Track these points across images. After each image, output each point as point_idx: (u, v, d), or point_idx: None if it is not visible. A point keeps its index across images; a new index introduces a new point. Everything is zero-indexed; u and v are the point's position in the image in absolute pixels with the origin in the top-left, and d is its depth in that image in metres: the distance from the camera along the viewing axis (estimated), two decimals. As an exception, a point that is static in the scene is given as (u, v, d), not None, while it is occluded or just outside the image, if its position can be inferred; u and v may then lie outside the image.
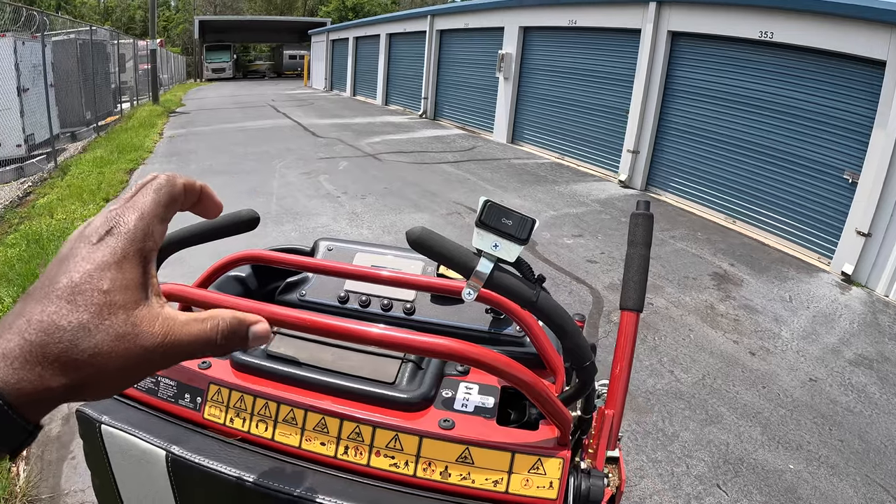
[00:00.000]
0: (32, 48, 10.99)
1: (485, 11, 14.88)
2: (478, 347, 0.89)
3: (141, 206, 0.49)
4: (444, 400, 1.09)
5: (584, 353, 0.97)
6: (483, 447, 0.98)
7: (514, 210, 0.90)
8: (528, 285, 0.91)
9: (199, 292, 1.01)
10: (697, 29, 8.46)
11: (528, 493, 0.95)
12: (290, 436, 1.04)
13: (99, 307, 0.44)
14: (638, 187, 9.47)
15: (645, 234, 1.30)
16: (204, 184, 0.56)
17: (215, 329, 0.49)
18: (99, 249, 0.46)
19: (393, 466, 0.99)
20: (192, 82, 44.47)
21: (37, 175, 10.42)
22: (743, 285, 5.69)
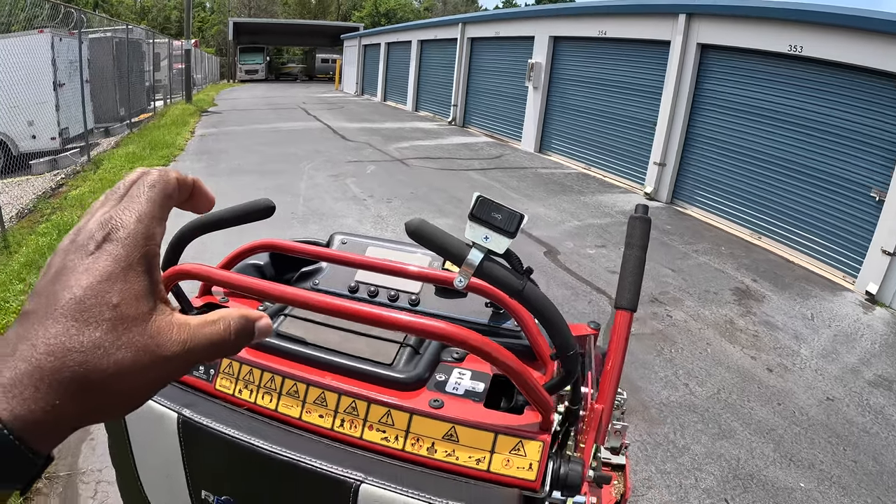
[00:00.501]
0: (69, 45, 11.26)
1: (516, 20, 14.95)
2: (465, 330, 0.95)
3: (137, 206, 0.46)
4: (437, 382, 1.15)
5: (568, 342, 1.02)
6: (468, 427, 1.03)
7: (504, 205, 0.95)
8: (515, 276, 0.97)
9: (226, 273, 1.10)
10: (727, 42, 8.42)
11: (508, 472, 1.00)
12: (292, 407, 1.12)
13: (112, 323, 0.41)
14: (663, 200, 9.43)
15: (641, 237, 1.36)
16: (196, 177, 0.53)
17: (228, 329, 0.48)
18: (99, 259, 0.43)
19: (384, 440, 1.06)
20: (225, 83, 45.05)
21: (70, 168, 10.68)
22: (764, 301, 5.65)
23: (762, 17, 7.75)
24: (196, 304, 1.40)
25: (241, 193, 8.75)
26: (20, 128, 10.23)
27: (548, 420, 1.04)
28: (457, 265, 0.97)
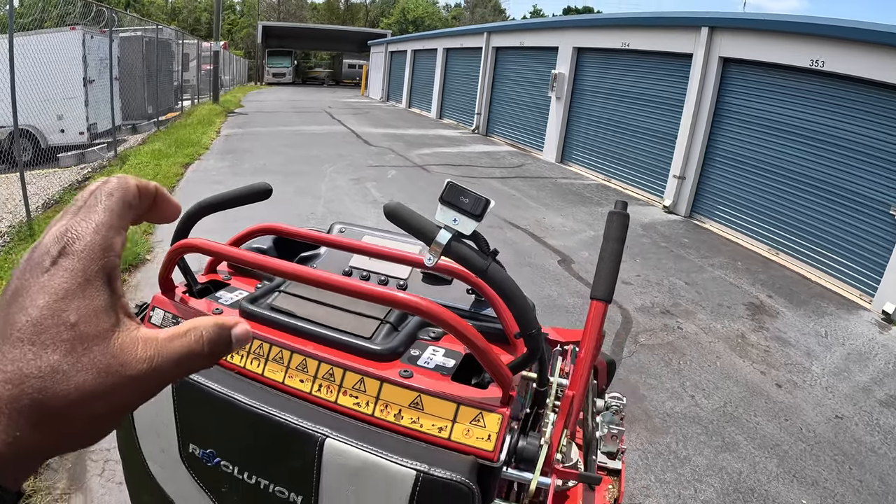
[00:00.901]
0: (100, 42, 11.48)
1: (540, 31, 14.99)
2: (426, 301, 1.02)
3: (94, 216, 0.43)
4: (410, 357, 1.23)
5: (530, 321, 1.09)
6: (433, 396, 1.10)
7: (471, 190, 1.02)
8: (480, 256, 1.04)
9: (228, 248, 1.22)
10: (748, 55, 8.37)
11: (468, 441, 1.05)
12: (276, 372, 1.20)
13: (70, 344, 0.39)
14: (682, 214, 9.37)
15: (618, 231, 1.43)
16: (157, 184, 0.50)
17: (200, 340, 0.45)
18: (55, 275, 0.40)
19: (356, 405, 1.13)
20: (252, 85, 45.52)
21: (97, 162, 10.87)
22: (778, 317, 5.60)
23: (784, 32, 7.70)
24: (201, 281, 1.50)
25: (260, 193, 8.81)
26: (49, 121, 10.45)
27: (507, 394, 1.09)
28: (427, 244, 1.05)
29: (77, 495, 2.91)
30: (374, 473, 1.02)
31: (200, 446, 1.19)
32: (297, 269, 1.10)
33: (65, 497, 2.89)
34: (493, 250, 1.09)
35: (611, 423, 2.44)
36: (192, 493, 1.23)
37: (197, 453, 1.20)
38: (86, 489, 2.92)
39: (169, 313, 1.36)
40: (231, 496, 1.17)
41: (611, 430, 2.45)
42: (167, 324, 1.34)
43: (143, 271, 5.66)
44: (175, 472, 1.25)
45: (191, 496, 1.24)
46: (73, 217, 0.43)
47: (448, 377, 1.17)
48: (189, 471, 1.22)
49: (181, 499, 1.28)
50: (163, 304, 1.37)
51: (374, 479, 1.02)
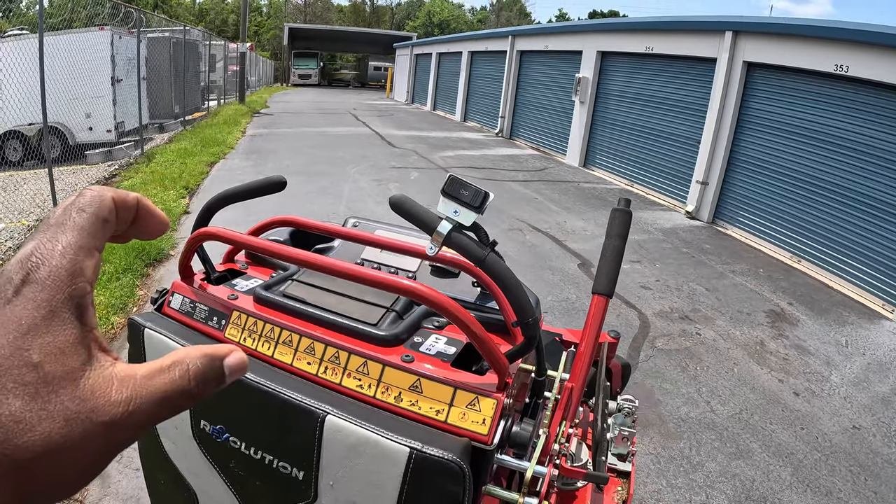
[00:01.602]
0: (128, 43, 11.70)
1: (564, 34, 14.97)
2: (422, 285, 1.07)
3: (62, 237, 0.38)
4: (413, 343, 1.27)
5: (527, 309, 1.13)
6: (431, 380, 1.14)
7: (471, 183, 1.07)
8: (479, 246, 1.10)
9: (245, 236, 1.28)
10: (772, 60, 8.29)
11: (463, 425, 1.09)
12: (285, 355, 1.26)
13: (34, 388, 0.34)
14: (705, 219, 9.30)
15: (621, 227, 1.48)
16: (139, 196, 0.45)
17: (186, 375, 0.39)
18: (16, 308, 0.35)
19: (359, 387, 1.18)
20: (278, 86, 45.94)
21: (124, 160, 11.07)
22: (798, 325, 5.54)
23: (807, 36, 7.61)
24: (219, 269, 1.56)
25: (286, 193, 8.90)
26: (78, 119, 10.69)
27: (502, 380, 1.12)
28: (428, 234, 1.10)
29: (95, 481, 2.98)
30: (370, 449, 1.05)
31: (211, 423, 1.24)
32: (308, 256, 1.17)
33: None
34: (492, 241, 1.14)
35: (622, 425, 2.45)
36: (202, 469, 1.29)
37: (208, 430, 1.24)
38: (104, 475, 2.99)
39: (187, 298, 1.42)
40: (238, 471, 1.23)
41: (622, 432, 2.46)
42: (185, 308, 1.41)
43: (167, 265, 5.76)
44: (187, 448, 1.30)
45: (201, 472, 1.30)
46: (40, 238, 0.38)
47: (448, 363, 1.20)
48: (200, 447, 1.27)
49: (192, 475, 1.33)
50: (182, 289, 1.43)
51: (369, 455, 1.06)
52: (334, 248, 1.84)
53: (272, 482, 1.19)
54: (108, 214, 0.41)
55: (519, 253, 6.92)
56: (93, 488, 2.94)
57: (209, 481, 1.30)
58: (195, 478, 1.33)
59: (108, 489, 2.93)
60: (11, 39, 9.51)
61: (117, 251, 5.67)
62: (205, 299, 1.40)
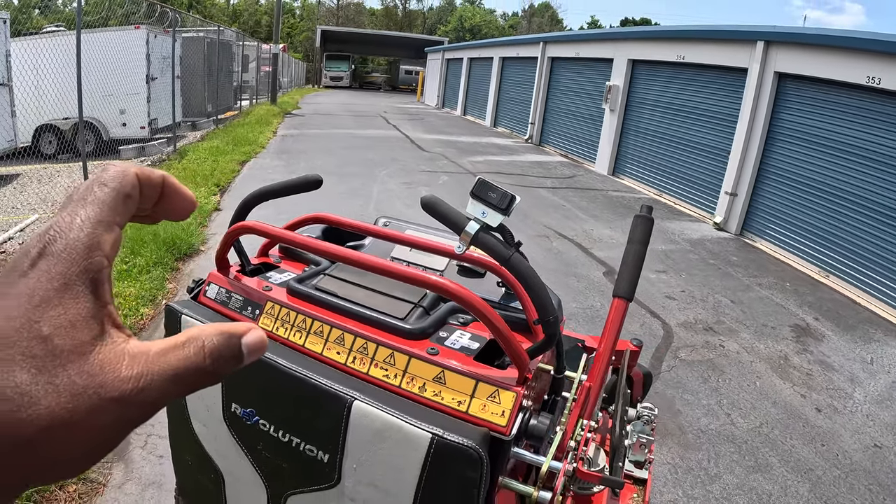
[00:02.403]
0: (163, 41, 11.95)
1: (596, 41, 14.94)
2: (447, 280, 1.14)
3: (81, 211, 0.38)
4: (438, 337, 1.32)
5: (548, 308, 1.19)
6: (455, 372, 1.19)
7: (499, 186, 1.14)
8: (505, 246, 1.16)
9: (280, 230, 1.36)
10: (804, 71, 8.20)
11: (483, 416, 1.14)
12: (316, 344, 1.32)
13: (41, 361, 0.33)
14: (733, 231, 9.23)
15: (643, 234, 1.52)
16: (165, 174, 0.44)
17: (201, 352, 0.38)
18: (31, 279, 0.35)
19: (385, 377, 1.23)
20: (310, 87, 46.38)
21: (156, 156, 11.31)
22: (824, 341, 5.49)
23: (839, 47, 7.53)
24: (253, 262, 1.63)
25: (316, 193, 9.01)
26: (112, 115, 10.94)
27: (522, 374, 1.17)
28: (457, 234, 1.17)
29: (118, 465, 3.09)
30: (394, 434, 1.10)
31: (242, 406, 1.30)
32: (341, 251, 1.24)
33: (107, 465, 3.07)
34: (517, 242, 1.20)
35: (641, 432, 2.48)
36: (230, 451, 1.35)
37: (238, 412, 1.30)
38: (127, 460, 3.10)
39: (223, 288, 1.49)
40: (265, 454, 1.29)
41: (640, 439, 2.49)
42: (221, 298, 1.48)
43: (196, 260, 5.87)
44: (217, 430, 1.36)
45: (229, 454, 1.36)
46: (60, 213, 0.38)
47: (471, 358, 1.25)
48: (230, 429, 1.33)
49: (220, 457, 1.40)
50: (218, 280, 1.51)
51: (393, 440, 1.11)
52: (365, 245, 1.91)
53: (298, 464, 1.24)
54: (130, 190, 0.41)
55: (545, 259, 6.94)
56: (116, 473, 3.03)
57: (236, 463, 1.35)
58: (223, 459, 1.40)
59: (132, 474, 3.03)
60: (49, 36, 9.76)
61: (148, 245, 5.82)
62: (240, 290, 1.47)
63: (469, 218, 1.17)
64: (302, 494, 1.27)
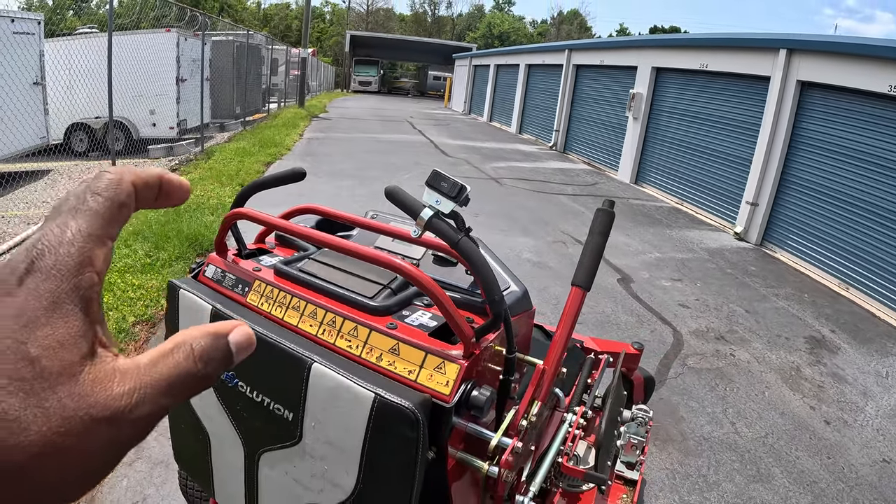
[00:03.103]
0: (193, 44, 12.18)
1: (620, 49, 14.91)
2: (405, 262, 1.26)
3: (72, 223, 0.36)
4: (401, 315, 1.44)
5: (493, 288, 1.30)
6: (407, 344, 1.31)
7: (450, 177, 1.25)
8: (454, 231, 1.27)
9: (269, 217, 1.51)
10: (826, 80, 8.08)
11: (430, 385, 1.24)
12: (293, 317, 1.45)
13: (29, 384, 0.31)
14: (753, 241, 9.12)
15: (603, 226, 1.62)
16: (162, 172, 0.43)
17: (190, 356, 0.37)
18: (17, 298, 0.33)
19: (348, 347, 1.35)
20: (338, 91, 46.73)
21: (184, 156, 11.52)
22: (838, 353, 5.41)
23: (861, 55, 7.41)
24: (250, 248, 1.78)
25: (337, 195, 9.15)
26: (142, 115, 11.22)
27: (468, 350, 1.27)
28: (413, 219, 1.28)
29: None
30: (345, 393, 1.20)
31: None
32: (313, 233, 1.40)
33: None
34: (467, 227, 1.30)
35: (635, 433, 2.48)
36: (215, 412, 1.48)
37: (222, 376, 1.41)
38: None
39: (219, 269, 1.64)
40: (243, 413, 1.42)
41: (631, 440, 2.49)
42: (217, 277, 1.63)
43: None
44: (205, 394, 1.46)
45: (214, 415, 1.49)
46: (49, 224, 0.36)
47: (426, 333, 1.35)
48: (215, 391, 1.47)
49: (207, 419, 1.53)
50: (215, 261, 1.66)
51: (344, 399, 1.21)
52: (353, 235, 2.07)
53: (269, 423, 1.35)
54: (125, 198, 0.39)
55: (560, 264, 6.92)
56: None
57: (220, 423, 1.48)
58: (209, 421, 1.53)
59: (142, 453, 3.14)
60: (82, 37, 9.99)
61: (172, 240, 5.96)
62: (233, 270, 1.62)
63: (424, 205, 1.27)
64: (272, 452, 1.38)
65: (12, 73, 7.44)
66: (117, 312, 4.54)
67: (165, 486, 2.94)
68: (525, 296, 1.85)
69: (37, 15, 8.54)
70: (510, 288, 1.82)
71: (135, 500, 2.86)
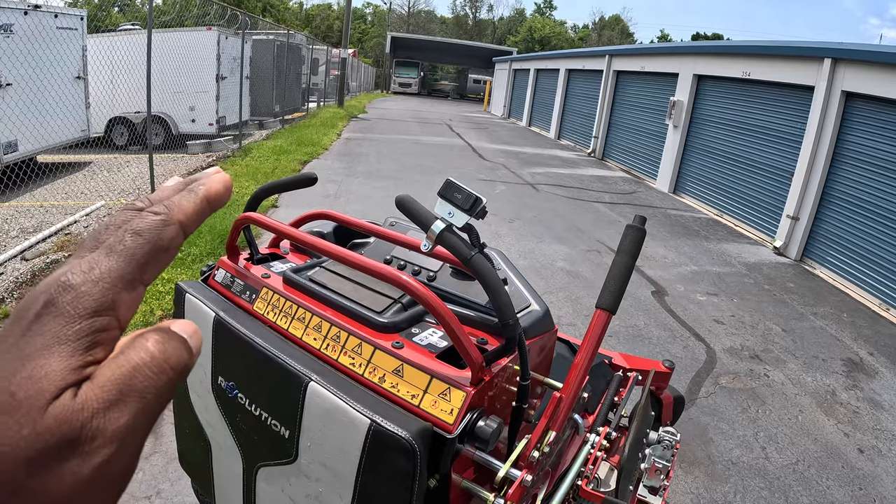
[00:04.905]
0: (234, 43, 12.40)
1: (661, 56, 14.68)
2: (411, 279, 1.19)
3: (105, 262, 0.34)
4: (409, 333, 1.38)
5: (506, 311, 1.21)
6: (412, 366, 1.24)
7: (465, 188, 1.17)
8: (468, 247, 1.19)
9: (274, 222, 1.46)
10: (873, 91, 7.80)
11: (433, 412, 1.17)
12: (298, 329, 1.41)
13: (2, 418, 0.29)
14: (792, 257, 8.88)
15: (632, 246, 1.50)
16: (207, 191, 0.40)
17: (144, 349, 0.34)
18: (27, 335, 0.32)
19: (351, 364, 1.30)
20: (378, 92, 47.01)
21: (222, 152, 11.70)
22: (876, 378, 5.23)
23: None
24: (262, 252, 1.76)
25: (370, 197, 9.17)
26: (181, 111, 11.46)
27: (476, 375, 1.20)
28: (424, 231, 1.20)
29: (149, 438, 3.18)
30: (340, 416, 1.15)
31: (226, 379, 1.40)
32: (316, 242, 1.33)
33: None
34: (481, 243, 1.23)
35: (660, 457, 2.41)
36: (216, 421, 1.46)
37: (223, 385, 1.41)
38: (157, 433, 3.27)
39: (229, 273, 1.62)
40: (242, 425, 1.38)
41: (655, 464, 2.42)
42: (226, 282, 1.61)
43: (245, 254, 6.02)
44: (207, 401, 1.48)
45: (216, 423, 1.47)
46: (79, 257, 0.34)
47: (433, 355, 1.29)
48: (217, 400, 1.44)
49: (209, 426, 1.51)
50: (226, 265, 1.64)
51: (339, 422, 1.15)
52: (370, 243, 1.96)
53: (266, 438, 1.31)
54: (168, 244, 0.36)
55: (594, 274, 6.84)
56: (145, 444, 3.13)
57: (221, 432, 1.46)
58: (211, 428, 1.50)
59: (160, 447, 3.19)
60: (124, 33, 10.21)
61: (204, 236, 6.06)
62: (242, 276, 1.59)
63: (436, 217, 1.20)
64: (269, 467, 1.34)
65: (55, 68, 7.62)
66: (145, 306, 4.61)
67: (180, 483, 2.97)
68: (546, 315, 1.73)
69: (80, 11, 8.74)
70: (530, 307, 1.72)
71: (149, 494, 2.90)
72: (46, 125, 7.69)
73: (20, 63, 6.95)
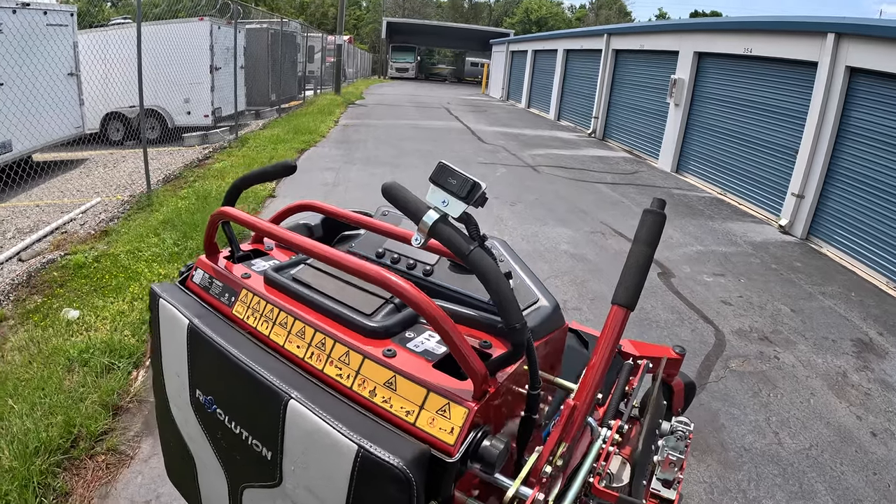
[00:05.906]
0: (227, 33, 12.32)
1: (661, 33, 14.50)
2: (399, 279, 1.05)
3: None
4: (403, 338, 1.23)
5: (513, 313, 1.04)
6: (406, 379, 1.09)
7: (460, 172, 1.02)
8: (465, 240, 1.03)
9: (254, 219, 1.36)
10: (876, 66, 7.66)
11: (431, 431, 1.03)
12: (279, 336, 1.28)
13: None
14: (798, 235, 8.78)
15: (650, 234, 1.32)
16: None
17: None
18: None
19: (338, 376, 1.16)
20: (375, 78, 46.81)
21: (218, 143, 11.67)
22: (886, 358, 5.15)
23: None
24: (244, 249, 1.63)
25: (369, 184, 9.08)
26: (177, 103, 11.41)
27: (479, 389, 1.05)
28: (415, 224, 1.05)
29: (147, 439, 3.21)
30: (324, 439, 1.02)
31: (204, 393, 1.29)
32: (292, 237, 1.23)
33: (136, 439, 3.22)
34: (481, 235, 1.08)
35: (673, 449, 2.33)
36: (197, 435, 1.35)
37: (201, 399, 1.30)
38: (157, 434, 3.19)
39: (207, 274, 1.49)
40: (223, 443, 1.27)
41: (669, 456, 2.34)
42: (204, 283, 1.49)
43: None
44: (187, 414, 1.37)
45: (197, 438, 1.36)
46: None
47: (431, 363, 1.15)
48: (196, 415, 1.33)
49: (190, 440, 1.40)
50: (204, 266, 1.52)
51: (323, 445, 1.02)
52: (361, 235, 1.80)
53: (248, 458, 1.20)
54: None
55: (598, 256, 6.76)
56: (144, 446, 3.16)
57: (203, 448, 1.35)
58: (193, 443, 1.40)
59: (158, 450, 3.13)
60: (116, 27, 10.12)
61: (200, 229, 5.99)
62: (221, 276, 1.46)
63: (429, 207, 1.06)
64: (253, 489, 1.23)
65: (47, 65, 7.54)
66: (142, 303, 4.55)
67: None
68: (556, 311, 1.58)
69: (70, 7, 8.63)
70: (538, 302, 1.57)
71: (148, 499, 2.85)
72: (40, 124, 7.62)
73: (11, 62, 6.86)
